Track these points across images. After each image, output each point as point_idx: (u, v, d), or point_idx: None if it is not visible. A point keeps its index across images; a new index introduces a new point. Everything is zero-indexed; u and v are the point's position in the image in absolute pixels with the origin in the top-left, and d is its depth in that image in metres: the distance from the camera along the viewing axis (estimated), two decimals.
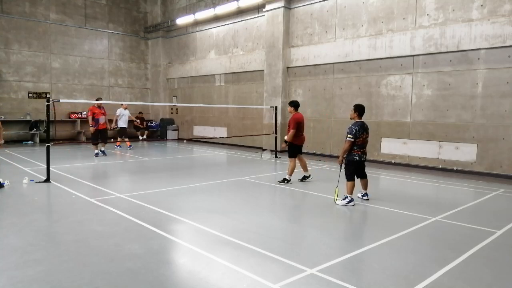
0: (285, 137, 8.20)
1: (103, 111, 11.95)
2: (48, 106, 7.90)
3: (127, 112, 14.31)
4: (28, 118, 16.12)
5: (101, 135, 11.95)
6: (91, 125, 11.82)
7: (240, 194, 7.21)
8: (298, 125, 8.03)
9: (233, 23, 16.12)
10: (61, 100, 8.81)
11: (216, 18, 16.62)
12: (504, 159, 9.14)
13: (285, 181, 8.05)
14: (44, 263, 3.79)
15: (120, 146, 14.71)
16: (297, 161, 8.27)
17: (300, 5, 13.35)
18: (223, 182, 8.30)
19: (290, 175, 8.07)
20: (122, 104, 14.40)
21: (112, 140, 15.30)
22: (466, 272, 3.77)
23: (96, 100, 12.76)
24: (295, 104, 8.30)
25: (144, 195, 6.89)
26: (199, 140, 17.79)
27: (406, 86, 10.76)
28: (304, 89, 13.43)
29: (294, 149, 8.17)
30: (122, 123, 14.10)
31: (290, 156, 8.20)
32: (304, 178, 8.39)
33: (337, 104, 12.45)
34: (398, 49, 10.73)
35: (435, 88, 10.19)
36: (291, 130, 7.98)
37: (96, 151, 11.98)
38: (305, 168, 8.39)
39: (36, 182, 7.70)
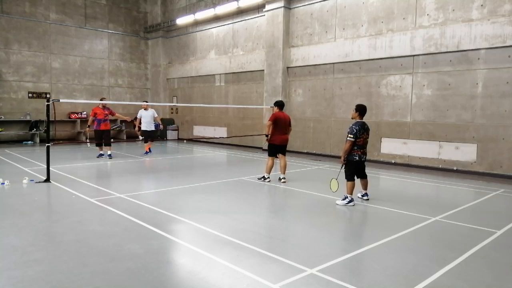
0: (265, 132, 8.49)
1: (106, 112, 11.31)
2: (48, 106, 7.90)
3: (148, 113, 12.52)
4: (28, 118, 16.11)
5: (104, 137, 11.44)
6: (88, 125, 11.64)
7: (240, 194, 7.21)
8: (276, 122, 8.14)
9: (233, 23, 16.12)
10: (61, 100, 8.79)
11: (216, 18, 16.62)
12: (504, 159, 9.13)
13: (263, 179, 8.34)
14: (44, 263, 3.78)
15: (148, 152, 12.74)
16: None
17: (300, 5, 13.35)
18: (223, 182, 8.30)
19: (267, 173, 8.32)
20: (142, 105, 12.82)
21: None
22: (466, 272, 3.77)
23: (100, 100, 12.35)
24: (279, 104, 8.39)
25: (144, 195, 6.89)
26: (199, 140, 17.79)
27: (406, 86, 10.76)
28: (304, 89, 13.43)
29: (271, 148, 8.33)
30: (143, 126, 12.51)
31: (268, 155, 8.43)
32: (279, 179, 8.38)
33: (337, 104, 12.45)
34: (398, 49, 10.73)
35: (435, 88, 10.19)
36: (268, 122, 8.23)
37: (101, 152, 11.70)
38: (282, 169, 8.35)
39: (36, 182, 7.70)
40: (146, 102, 13.52)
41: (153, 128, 12.73)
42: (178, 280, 3.52)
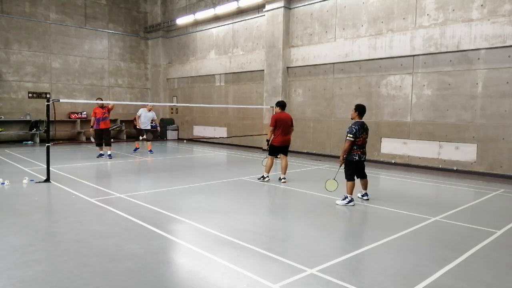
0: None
1: (104, 111, 11.37)
2: (48, 106, 7.90)
3: (149, 115, 13.11)
4: (28, 118, 16.11)
5: (103, 136, 11.47)
6: (91, 125, 11.66)
7: (240, 194, 7.21)
8: (277, 124, 8.08)
9: (233, 23, 16.12)
10: (61, 100, 8.80)
11: (216, 18, 16.62)
12: (504, 159, 9.13)
13: (262, 178, 8.35)
14: (44, 263, 3.78)
15: (137, 149, 13.44)
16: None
17: (300, 5, 13.35)
18: (223, 182, 8.30)
19: (267, 172, 8.33)
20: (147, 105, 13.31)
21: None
22: (466, 272, 3.77)
23: (96, 100, 12.45)
24: (281, 104, 8.33)
25: (144, 195, 6.89)
26: (199, 140, 17.79)
27: (406, 86, 10.76)
28: (304, 89, 13.43)
29: (272, 148, 8.32)
30: (141, 125, 13.07)
31: (268, 154, 8.44)
32: (279, 179, 8.38)
33: (337, 104, 12.45)
34: (398, 49, 10.73)
35: (435, 88, 10.19)
36: (270, 128, 8.19)
37: (101, 152, 11.74)
38: (283, 169, 8.33)
39: (36, 182, 7.70)
40: (151, 103, 13.97)
41: (149, 127, 13.31)
42: (178, 280, 3.52)
